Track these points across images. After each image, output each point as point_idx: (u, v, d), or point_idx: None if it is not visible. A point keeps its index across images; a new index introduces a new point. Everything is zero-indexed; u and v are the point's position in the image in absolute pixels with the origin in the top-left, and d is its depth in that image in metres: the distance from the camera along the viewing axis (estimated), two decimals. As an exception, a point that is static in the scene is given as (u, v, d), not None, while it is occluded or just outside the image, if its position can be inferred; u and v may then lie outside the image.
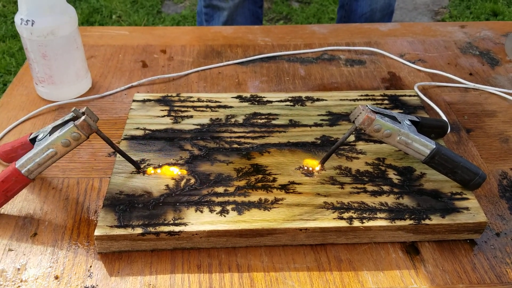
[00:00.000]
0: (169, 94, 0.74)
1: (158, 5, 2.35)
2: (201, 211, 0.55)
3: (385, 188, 0.59)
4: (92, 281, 0.51)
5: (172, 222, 0.54)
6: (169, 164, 0.61)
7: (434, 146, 0.57)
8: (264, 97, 0.74)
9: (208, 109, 0.71)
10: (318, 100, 0.74)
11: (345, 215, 0.55)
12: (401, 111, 0.72)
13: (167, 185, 0.58)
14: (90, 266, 0.53)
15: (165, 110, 0.71)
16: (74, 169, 0.65)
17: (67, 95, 0.77)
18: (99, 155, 0.67)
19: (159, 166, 0.61)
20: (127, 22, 2.18)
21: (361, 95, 0.75)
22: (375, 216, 0.55)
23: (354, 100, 0.74)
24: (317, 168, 0.61)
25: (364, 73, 0.87)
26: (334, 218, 0.55)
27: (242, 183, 0.59)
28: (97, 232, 0.52)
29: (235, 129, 0.68)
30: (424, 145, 0.57)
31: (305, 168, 0.61)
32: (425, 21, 2.30)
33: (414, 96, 0.76)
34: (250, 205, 0.56)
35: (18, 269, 0.52)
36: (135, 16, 2.22)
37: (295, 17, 2.31)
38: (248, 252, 0.55)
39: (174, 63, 0.88)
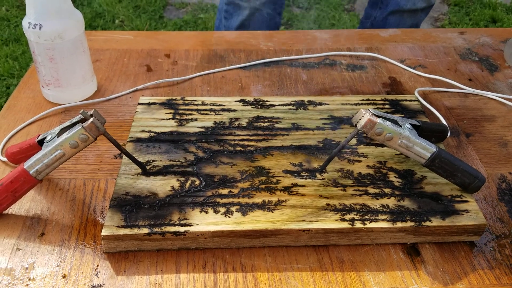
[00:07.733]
0: (174, 98, 0.75)
1: (160, 10, 2.37)
2: (206, 212, 0.56)
3: (387, 190, 0.60)
4: (99, 280, 0.52)
5: (177, 222, 0.55)
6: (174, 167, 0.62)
7: (435, 150, 0.58)
8: (267, 101, 0.75)
9: (212, 113, 0.72)
10: (320, 104, 0.75)
11: (347, 216, 0.56)
12: (402, 115, 0.73)
13: (172, 187, 0.59)
14: (97, 266, 0.54)
15: (170, 113, 0.72)
16: (81, 171, 0.66)
17: (73, 98, 0.78)
18: (105, 157, 0.68)
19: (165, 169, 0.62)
20: (129, 26, 2.20)
21: (363, 100, 0.76)
22: (377, 218, 0.56)
23: (355, 104, 0.75)
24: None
25: (365, 78, 0.88)
26: (336, 220, 0.56)
27: (246, 185, 0.60)
28: (104, 232, 0.53)
29: (239, 132, 0.69)
30: (425, 149, 0.58)
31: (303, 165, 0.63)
32: (425, 28, 2.32)
33: (415, 101, 0.77)
34: (254, 207, 0.57)
35: (26, 268, 0.53)
36: (138, 21, 2.24)
37: (296, 22, 2.32)
38: (252, 252, 0.56)
39: (178, 67, 0.89)
